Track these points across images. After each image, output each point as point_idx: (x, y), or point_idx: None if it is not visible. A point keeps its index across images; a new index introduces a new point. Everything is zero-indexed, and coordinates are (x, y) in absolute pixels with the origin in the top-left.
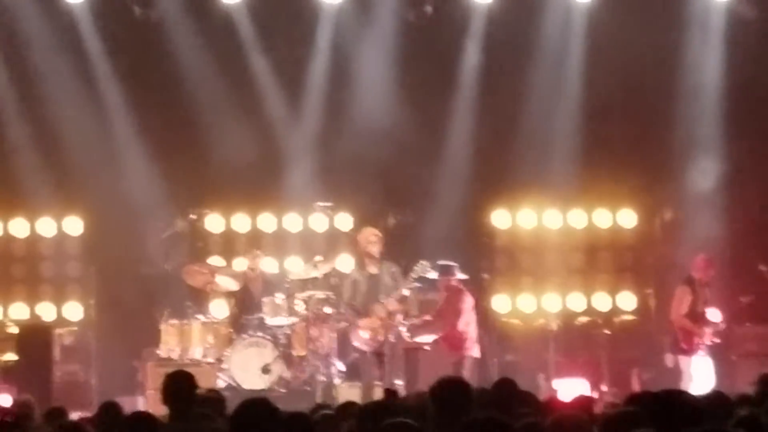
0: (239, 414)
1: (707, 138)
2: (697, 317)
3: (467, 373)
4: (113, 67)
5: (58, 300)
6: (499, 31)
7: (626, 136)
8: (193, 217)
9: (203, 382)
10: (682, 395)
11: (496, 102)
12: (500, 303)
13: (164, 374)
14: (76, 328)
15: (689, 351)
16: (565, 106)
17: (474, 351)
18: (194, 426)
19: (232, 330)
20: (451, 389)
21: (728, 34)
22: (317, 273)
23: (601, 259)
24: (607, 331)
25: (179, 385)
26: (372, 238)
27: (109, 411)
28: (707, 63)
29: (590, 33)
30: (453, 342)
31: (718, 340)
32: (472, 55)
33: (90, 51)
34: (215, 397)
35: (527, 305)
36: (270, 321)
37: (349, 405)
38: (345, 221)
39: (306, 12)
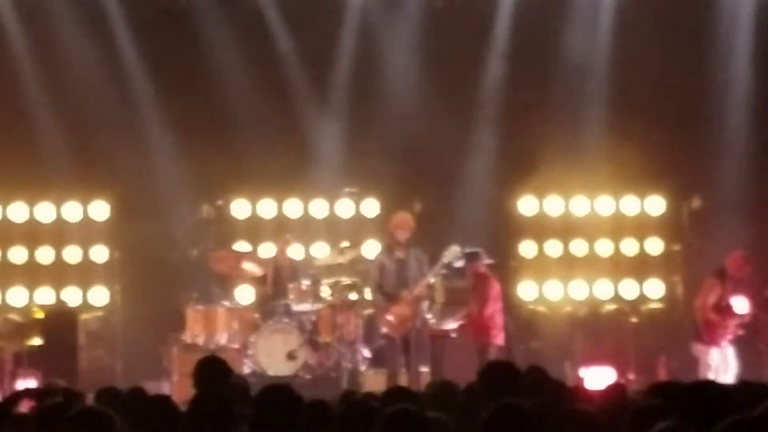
0: (262, 400)
1: (736, 127)
2: (721, 310)
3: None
4: (140, 53)
5: (84, 285)
6: (526, 17)
7: (654, 123)
8: (219, 202)
9: None
10: (710, 385)
11: (523, 88)
12: (526, 290)
13: (191, 360)
14: (101, 314)
15: (710, 342)
16: (592, 92)
17: (498, 339)
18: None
19: (257, 316)
20: (501, 373)
21: (757, 24)
22: (343, 259)
23: (628, 247)
24: (634, 319)
25: (212, 370)
26: (404, 224)
27: (135, 396)
28: (737, 52)
29: (619, 19)
30: (478, 329)
31: (741, 332)
32: (499, 42)
33: (117, 37)
34: (240, 383)
35: (554, 292)
36: (296, 307)
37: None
38: (371, 207)
39: None
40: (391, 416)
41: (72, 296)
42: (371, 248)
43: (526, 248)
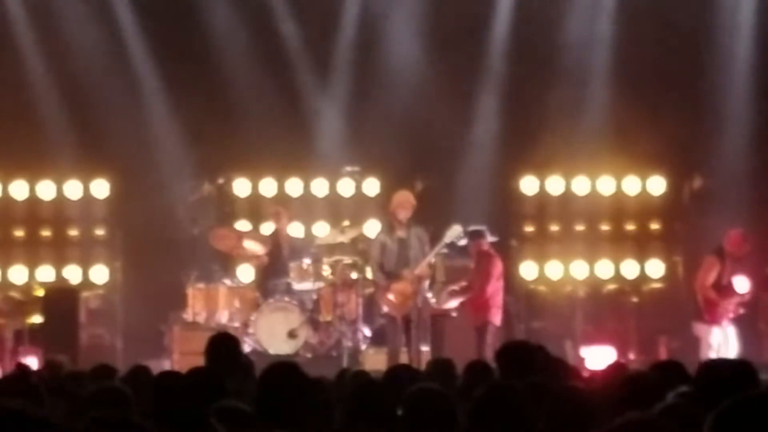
0: (267, 377)
1: (737, 107)
2: (721, 289)
3: (489, 340)
4: (142, 32)
5: (85, 263)
6: None
7: (656, 103)
8: (220, 181)
9: None
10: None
11: (526, 66)
12: (527, 269)
13: (192, 338)
14: (102, 292)
15: (711, 321)
16: (595, 73)
17: (497, 318)
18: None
19: (258, 294)
20: (518, 352)
21: (761, 1)
22: (344, 238)
23: (629, 227)
24: (634, 299)
25: (223, 347)
26: (405, 203)
27: (139, 374)
28: (739, 31)
29: None
30: (478, 307)
31: (742, 311)
32: (502, 17)
33: (119, 16)
34: (244, 362)
35: (555, 272)
36: (297, 286)
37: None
38: (373, 186)
39: None
40: (415, 395)
41: (73, 274)
42: (372, 227)
43: (528, 228)
